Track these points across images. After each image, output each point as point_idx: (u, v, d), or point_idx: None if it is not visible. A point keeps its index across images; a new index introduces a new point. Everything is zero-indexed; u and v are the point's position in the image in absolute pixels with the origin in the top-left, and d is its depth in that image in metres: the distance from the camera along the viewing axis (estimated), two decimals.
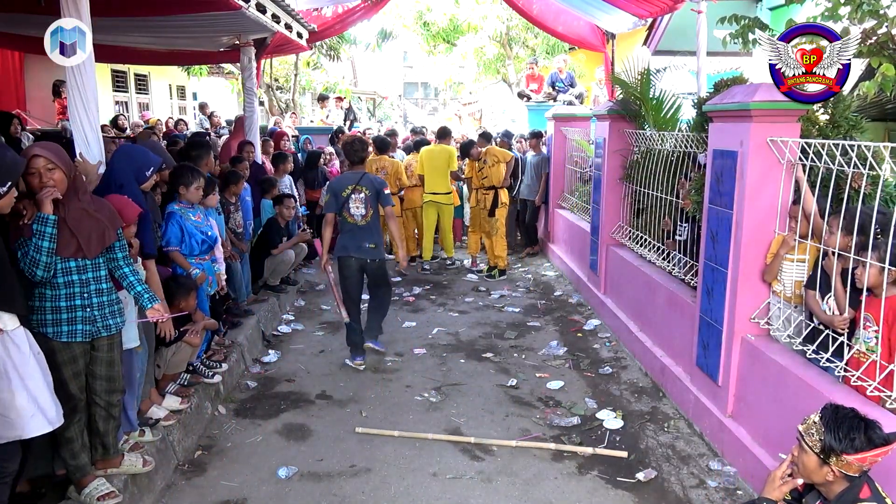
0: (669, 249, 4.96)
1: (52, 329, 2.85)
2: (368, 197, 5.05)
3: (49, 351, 2.80)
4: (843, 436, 2.11)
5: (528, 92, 12.31)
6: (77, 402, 2.95)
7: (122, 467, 3.20)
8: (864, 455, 2.10)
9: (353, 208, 5.07)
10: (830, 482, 2.17)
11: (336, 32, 11.45)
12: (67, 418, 2.90)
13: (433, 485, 3.54)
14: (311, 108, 18.44)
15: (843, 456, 2.11)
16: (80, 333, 2.91)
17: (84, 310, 2.90)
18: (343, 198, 5.07)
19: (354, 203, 5.06)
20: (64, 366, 2.89)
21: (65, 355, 2.89)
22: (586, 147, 7.71)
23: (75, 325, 2.89)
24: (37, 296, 2.83)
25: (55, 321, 2.85)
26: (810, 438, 2.19)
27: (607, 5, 7.87)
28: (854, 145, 2.84)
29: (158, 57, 9.71)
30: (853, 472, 2.12)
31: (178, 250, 4.31)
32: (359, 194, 5.05)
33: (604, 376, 5.01)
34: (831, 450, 2.12)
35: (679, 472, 3.66)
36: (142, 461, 3.28)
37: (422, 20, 17.97)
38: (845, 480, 2.15)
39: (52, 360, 2.82)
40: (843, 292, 3.08)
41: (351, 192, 5.06)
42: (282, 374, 5.07)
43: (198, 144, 5.40)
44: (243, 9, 5.45)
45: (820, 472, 2.17)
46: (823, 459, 2.15)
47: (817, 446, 2.17)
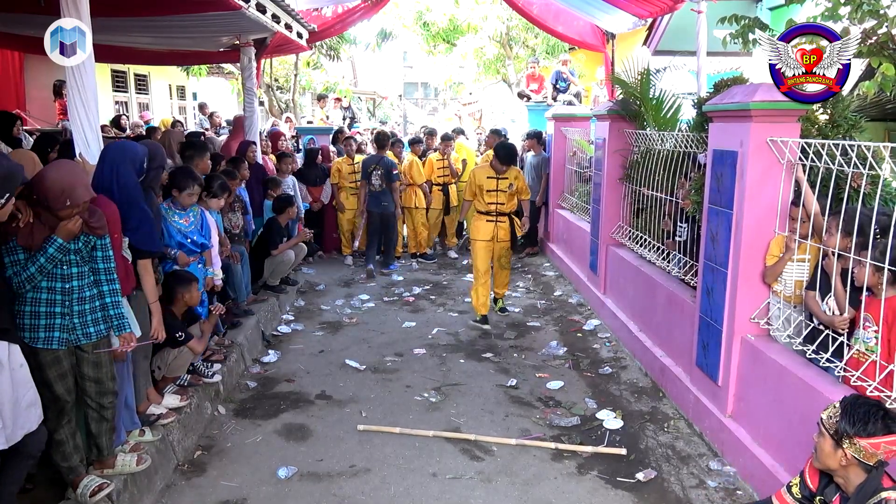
0: (669, 249, 4.96)
1: (28, 335, 2.79)
2: (382, 173, 7.83)
3: (31, 352, 2.77)
4: (858, 419, 2.15)
5: (528, 92, 12.31)
6: (64, 403, 2.91)
7: (117, 468, 3.18)
8: (878, 440, 2.13)
9: (374, 179, 7.87)
10: (846, 469, 2.20)
11: (336, 32, 11.44)
12: (56, 420, 2.89)
13: (433, 485, 3.54)
14: (311, 108, 18.44)
15: (855, 439, 2.14)
16: (57, 341, 2.85)
17: (63, 317, 2.85)
18: (368, 172, 7.88)
19: (375, 177, 7.86)
20: (48, 367, 2.85)
21: (47, 357, 2.85)
22: (586, 147, 7.71)
23: (52, 332, 2.84)
24: (18, 299, 2.79)
25: (32, 326, 2.81)
26: (829, 422, 2.24)
27: (607, 5, 7.86)
28: (854, 145, 2.84)
29: (158, 57, 9.72)
30: (867, 459, 2.15)
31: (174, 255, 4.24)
32: (377, 171, 7.83)
33: (604, 376, 5.01)
34: (845, 433, 2.17)
35: (679, 472, 3.66)
36: (136, 460, 3.25)
37: (422, 20, 17.96)
38: (861, 469, 2.18)
39: (36, 360, 2.79)
40: (843, 292, 3.08)
41: (373, 170, 7.84)
42: (281, 374, 5.07)
43: (191, 145, 5.34)
44: (243, 9, 5.45)
45: (834, 456, 2.21)
46: (837, 442, 2.19)
47: (832, 429, 2.21)
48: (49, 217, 2.79)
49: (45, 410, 2.80)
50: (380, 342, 5.78)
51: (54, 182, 2.74)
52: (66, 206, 2.74)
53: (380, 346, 5.67)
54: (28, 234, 2.74)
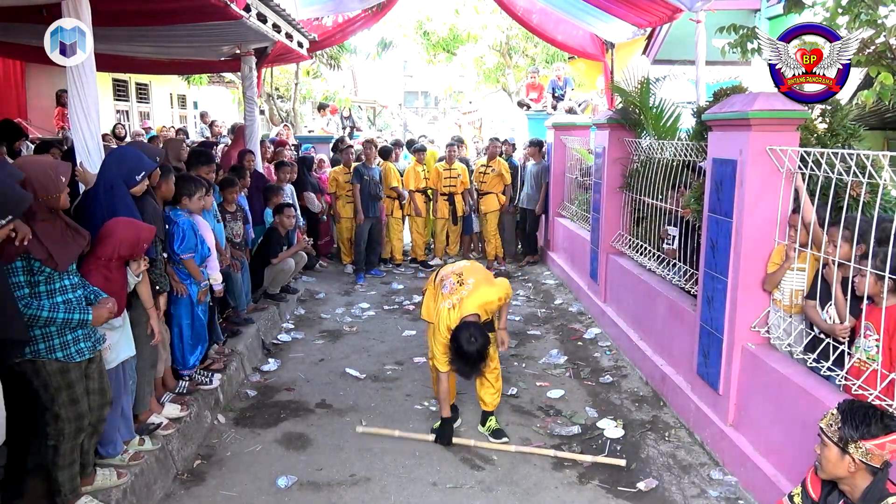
0: (669, 258, 4.96)
1: (61, 353, 2.79)
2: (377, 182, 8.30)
3: (62, 370, 2.79)
4: (860, 423, 2.15)
5: (527, 101, 12.35)
6: (84, 420, 2.91)
7: (96, 483, 3.12)
8: (883, 440, 2.13)
9: (372, 186, 8.20)
10: (853, 474, 2.20)
11: (337, 42, 11.50)
12: (73, 440, 2.88)
13: (433, 494, 3.52)
14: (312, 116, 18.49)
15: (860, 442, 2.14)
16: (88, 350, 2.89)
17: (83, 325, 2.85)
18: (366, 181, 8.11)
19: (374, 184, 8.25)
20: (77, 383, 2.86)
21: (77, 372, 2.86)
22: (586, 156, 7.73)
23: (80, 344, 2.86)
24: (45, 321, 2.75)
25: (63, 344, 2.80)
26: (830, 430, 2.23)
27: (607, 15, 7.91)
28: (853, 154, 2.85)
29: (160, 66, 9.74)
30: (873, 461, 2.15)
31: (192, 257, 4.26)
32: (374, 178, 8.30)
33: (604, 385, 5.00)
34: (850, 438, 2.16)
35: (680, 481, 3.65)
36: (116, 475, 3.19)
37: (422, 30, 18.06)
38: (868, 473, 2.18)
39: (66, 378, 2.81)
40: (844, 301, 3.07)
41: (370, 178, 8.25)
42: (281, 382, 5.06)
43: (197, 154, 5.42)
44: (244, 18, 5.48)
45: (842, 463, 2.20)
46: (843, 449, 2.18)
47: (836, 436, 2.20)
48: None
49: (63, 429, 2.83)
50: (380, 351, 5.78)
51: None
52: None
53: (380, 355, 5.66)
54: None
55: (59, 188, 2.80)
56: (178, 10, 5.25)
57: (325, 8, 9.13)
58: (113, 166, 3.46)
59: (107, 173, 3.44)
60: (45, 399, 2.82)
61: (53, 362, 2.78)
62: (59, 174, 2.82)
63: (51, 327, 2.75)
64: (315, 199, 8.38)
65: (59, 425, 2.84)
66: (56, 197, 2.80)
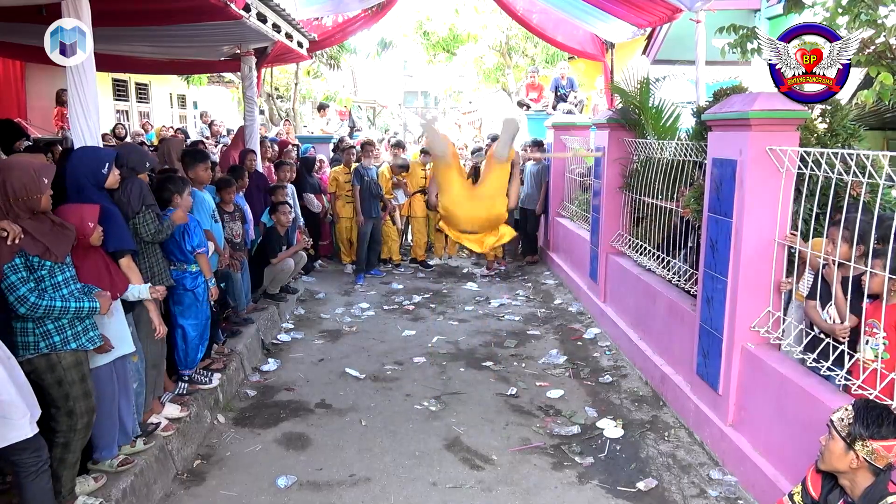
0: (669, 258, 4.96)
1: (75, 343, 2.85)
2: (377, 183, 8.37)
3: (76, 363, 2.84)
4: (872, 422, 2.15)
5: (527, 101, 12.35)
6: (94, 415, 2.93)
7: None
8: (891, 443, 2.13)
9: (373, 187, 8.25)
10: (854, 471, 2.20)
11: (336, 42, 11.49)
12: (84, 434, 2.90)
13: (433, 494, 3.52)
14: (311, 116, 18.49)
15: (868, 442, 2.15)
16: (97, 339, 2.95)
17: (93, 313, 2.92)
18: (367, 181, 8.14)
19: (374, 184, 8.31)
20: (88, 377, 2.90)
21: (87, 366, 2.91)
22: (583, 154, 7.72)
23: (90, 333, 2.93)
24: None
25: (75, 335, 2.86)
26: (840, 424, 2.23)
27: (607, 15, 7.90)
28: (853, 154, 2.85)
29: (159, 66, 9.73)
30: (878, 462, 2.15)
31: (204, 252, 4.26)
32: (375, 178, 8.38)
33: (604, 385, 5.00)
34: (858, 435, 2.17)
35: (680, 481, 3.65)
36: (91, 480, 3.14)
37: (422, 30, 18.07)
38: (870, 472, 2.18)
39: (80, 371, 2.86)
40: (844, 301, 3.07)
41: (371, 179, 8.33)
42: (281, 382, 5.06)
43: (191, 153, 5.35)
44: (244, 18, 5.47)
45: (844, 458, 2.20)
46: (849, 444, 2.19)
47: (845, 431, 2.21)
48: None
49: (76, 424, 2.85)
50: (380, 351, 5.78)
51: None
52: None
53: (380, 355, 5.66)
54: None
55: (40, 189, 2.79)
56: (178, 10, 5.24)
57: (325, 8, 9.13)
58: (76, 170, 3.39)
59: (72, 178, 3.38)
60: (58, 395, 2.83)
61: (69, 355, 2.83)
62: (42, 176, 2.81)
63: (63, 319, 2.81)
64: (315, 200, 8.38)
65: (72, 420, 2.85)
66: (37, 198, 2.79)
